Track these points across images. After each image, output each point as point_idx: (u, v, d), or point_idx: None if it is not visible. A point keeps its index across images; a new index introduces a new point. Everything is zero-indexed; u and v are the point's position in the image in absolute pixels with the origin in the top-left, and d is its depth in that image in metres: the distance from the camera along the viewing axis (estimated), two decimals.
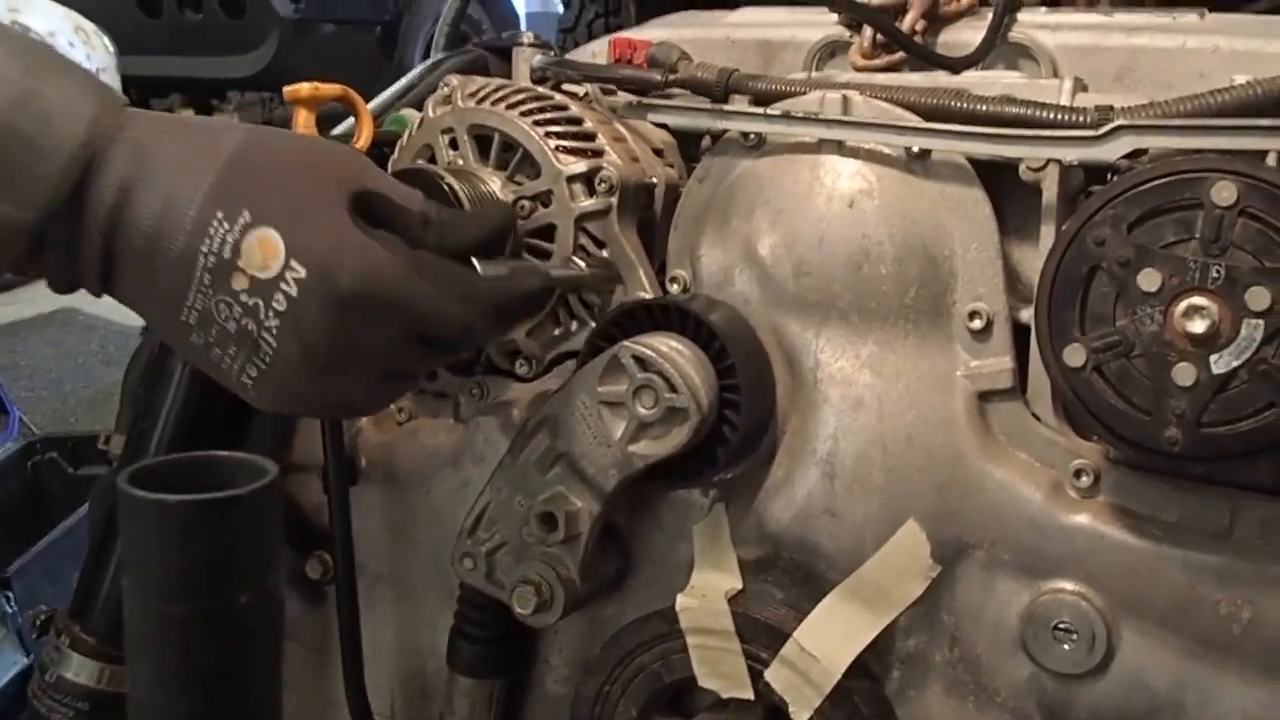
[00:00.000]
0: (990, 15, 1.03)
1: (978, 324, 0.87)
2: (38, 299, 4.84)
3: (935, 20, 1.07)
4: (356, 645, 1.05)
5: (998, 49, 1.02)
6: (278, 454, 1.12)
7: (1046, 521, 0.85)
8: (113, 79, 4.53)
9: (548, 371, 1.05)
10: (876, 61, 1.06)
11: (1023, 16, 1.04)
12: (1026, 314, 0.87)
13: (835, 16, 1.08)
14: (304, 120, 1.00)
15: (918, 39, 1.06)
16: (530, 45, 1.23)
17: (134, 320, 0.96)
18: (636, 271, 1.00)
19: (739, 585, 0.94)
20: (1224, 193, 0.73)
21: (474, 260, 0.83)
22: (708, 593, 0.94)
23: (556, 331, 1.03)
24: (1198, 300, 0.74)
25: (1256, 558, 0.81)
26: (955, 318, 0.89)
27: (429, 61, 1.26)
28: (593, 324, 1.02)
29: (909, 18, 1.05)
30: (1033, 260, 0.89)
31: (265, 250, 0.70)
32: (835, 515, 0.90)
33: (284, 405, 0.77)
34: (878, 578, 0.89)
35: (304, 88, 0.99)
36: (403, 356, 0.79)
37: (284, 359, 0.73)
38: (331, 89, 1.01)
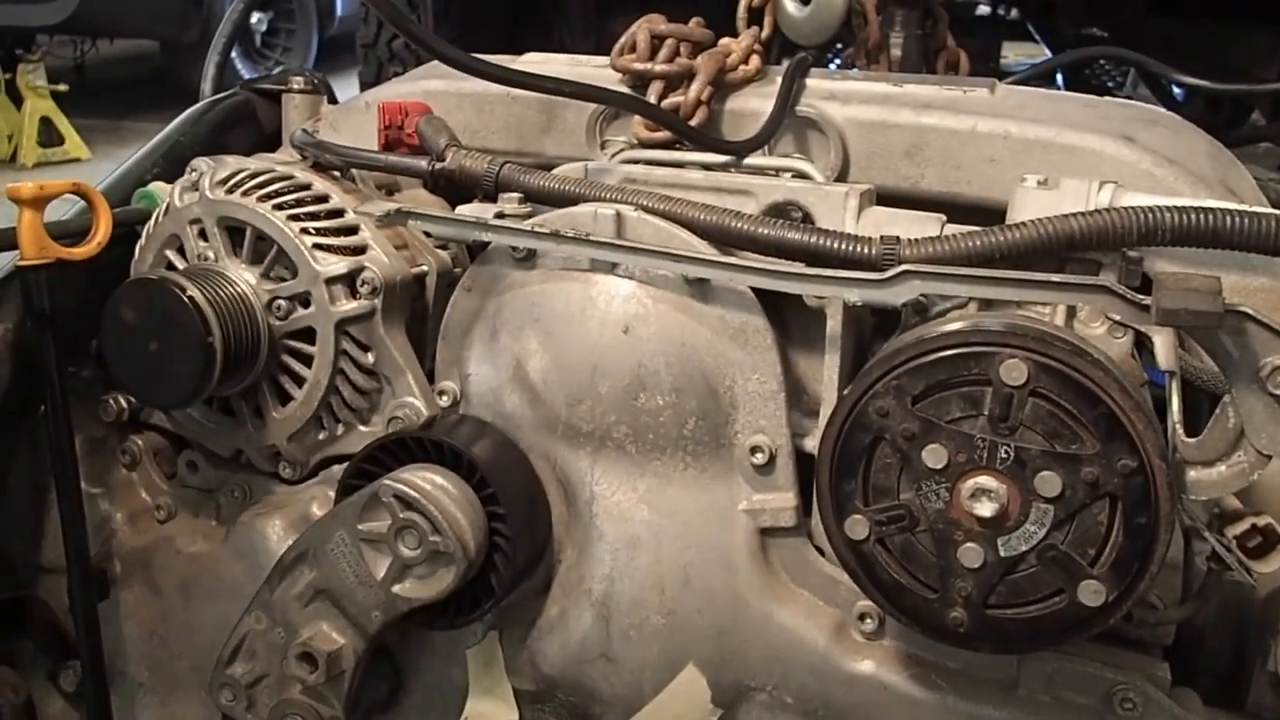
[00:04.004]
0: (777, 82, 0.90)
1: (760, 458, 0.75)
2: None
3: (720, 87, 0.93)
4: None
5: (785, 121, 0.89)
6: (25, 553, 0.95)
7: (829, 668, 0.75)
8: None
9: (313, 475, 0.89)
10: (659, 135, 0.91)
11: (811, 83, 0.91)
12: (811, 442, 0.76)
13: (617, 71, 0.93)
14: (29, 221, 0.81)
15: (703, 109, 0.91)
16: (300, 91, 1.05)
17: None
18: (405, 377, 0.85)
19: (514, 716, 0.81)
20: (1014, 371, 0.61)
21: None
22: None
23: (321, 435, 0.87)
24: (985, 481, 0.63)
25: (1042, 712, 0.71)
26: (736, 449, 0.76)
27: (189, 113, 1.05)
28: (359, 427, 0.87)
29: (694, 88, 0.90)
30: (816, 381, 0.77)
31: None
32: (611, 660, 0.78)
33: None
34: None
35: (26, 187, 0.80)
36: None
37: None
38: (60, 185, 0.82)
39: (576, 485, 0.79)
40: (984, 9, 2.62)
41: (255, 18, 5.46)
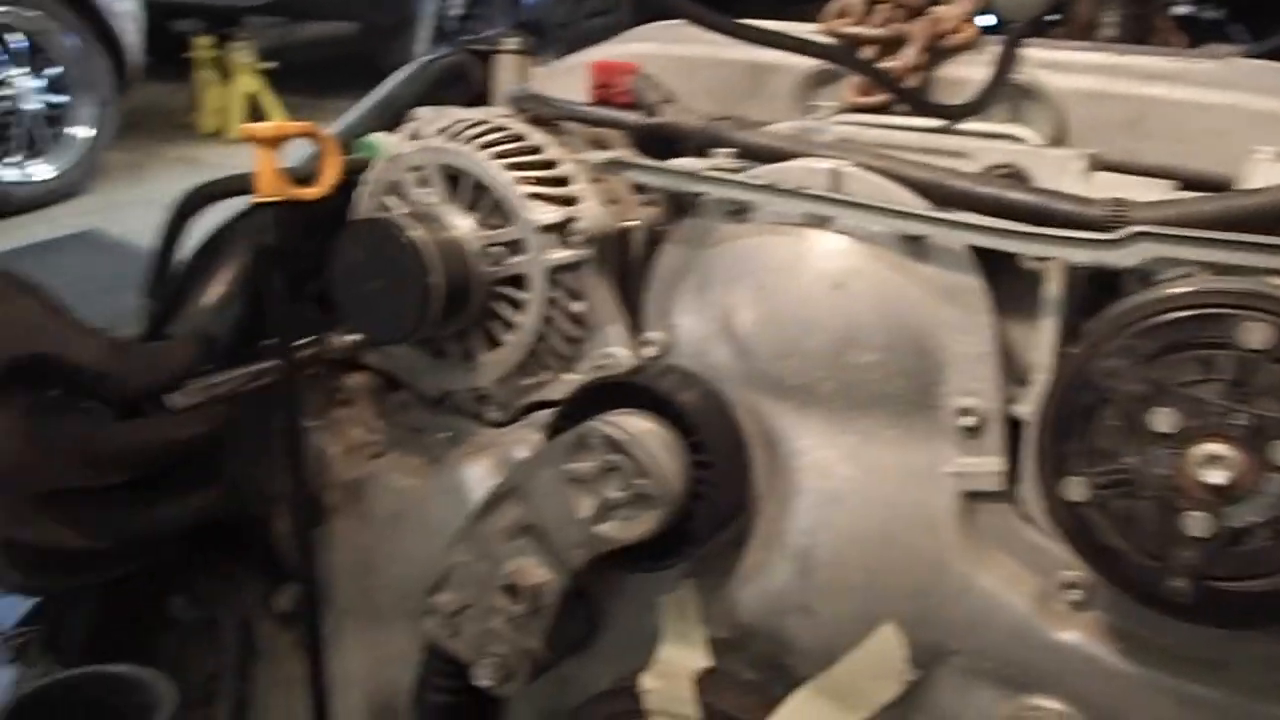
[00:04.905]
0: (991, 51, 0.86)
1: (969, 421, 0.72)
2: (62, 219, 4.65)
3: (935, 54, 0.89)
4: (322, 685, 0.92)
5: (1000, 89, 0.85)
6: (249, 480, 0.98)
7: (1031, 635, 0.72)
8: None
9: (519, 419, 0.90)
10: (870, 100, 0.88)
11: (1029, 52, 0.87)
12: (1021, 408, 0.72)
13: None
14: (265, 160, 0.83)
15: (918, 73, 0.88)
16: (512, 51, 1.05)
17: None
18: (612, 326, 0.85)
19: (706, 663, 0.80)
20: (1255, 335, 0.57)
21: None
22: (674, 672, 0.80)
23: (527, 380, 0.88)
24: (1217, 448, 0.59)
25: (1255, 695, 0.67)
26: (944, 412, 0.73)
27: (408, 69, 1.07)
28: (565, 374, 0.87)
29: (909, 53, 0.88)
30: (1030, 347, 0.73)
31: None
32: (809, 613, 0.76)
33: None
34: (850, 678, 0.75)
35: (264, 127, 0.82)
36: (17, 525, 0.71)
37: None
38: (295, 127, 0.84)
39: (780, 439, 0.77)
40: (1184, 9, 2.49)
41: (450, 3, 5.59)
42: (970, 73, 0.87)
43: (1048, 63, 0.85)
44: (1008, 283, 0.73)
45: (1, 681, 1.26)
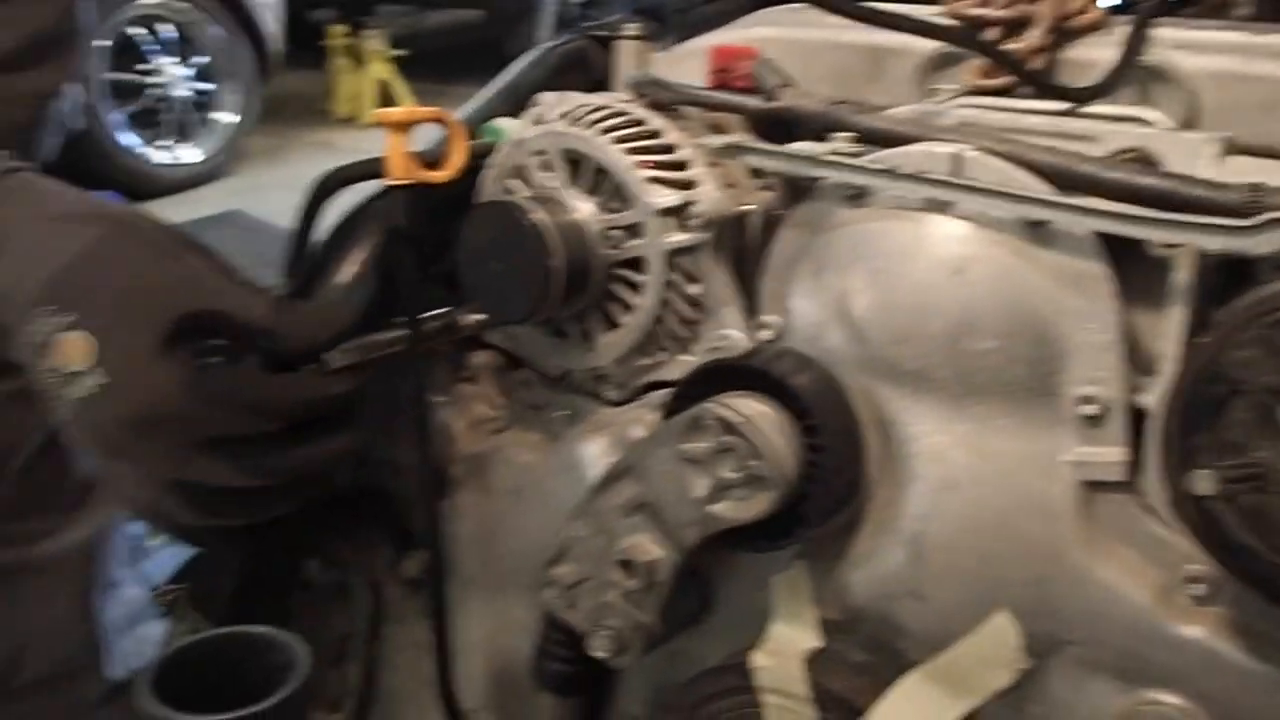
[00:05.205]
0: (1120, 32, 0.83)
1: (1090, 410, 0.70)
2: (208, 199, 4.81)
3: (1061, 35, 0.87)
4: (446, 648, 0.94)
5: (1129, 71, 0.82)
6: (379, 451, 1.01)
7: (1152, 629, 0.69)
8: None
9: (636, 399, 0.91)
10: (993, 82, 0.86)
11: (1159, 32, 0.84)
12: (1145, 397, 0.70)
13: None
14: (396, 144, 0.85)
15: (1042, 55, 0.86)
16: (632, 37, 1.05)
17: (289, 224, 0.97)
18: (728, 309, 0.84)
19: (817, 643, 0.80)
20: None
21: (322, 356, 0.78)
22: (785, 650, 0.80)
23: (645, 361, 0.88)
24: None
25: None
26: (1064, 400, 0.71)
27: (531, 56, 1.08)
28: (681, 355, 0.87)
29: (1033, 35, 0.85)
30: (1154, 334, 0.71)
31: (76, 350, 0.69)
32: (921, 598, 0.75)
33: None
34: (963, 664, 0.74)
35: (395, 112, 0.84)
36: (182, 467, 0.74)
37: (72, 428, 0.72)
38: (425, 112, 0.86)
39: (894, 424, 0.76)
40: None
41: None
42: (1097, 54, 0.84)
43: (1179, 43, 0.82)
44: (1134, 270, 0.71)
45: (155, 634, 1.33)
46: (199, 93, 5.42)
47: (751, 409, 0.75)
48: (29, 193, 0.76)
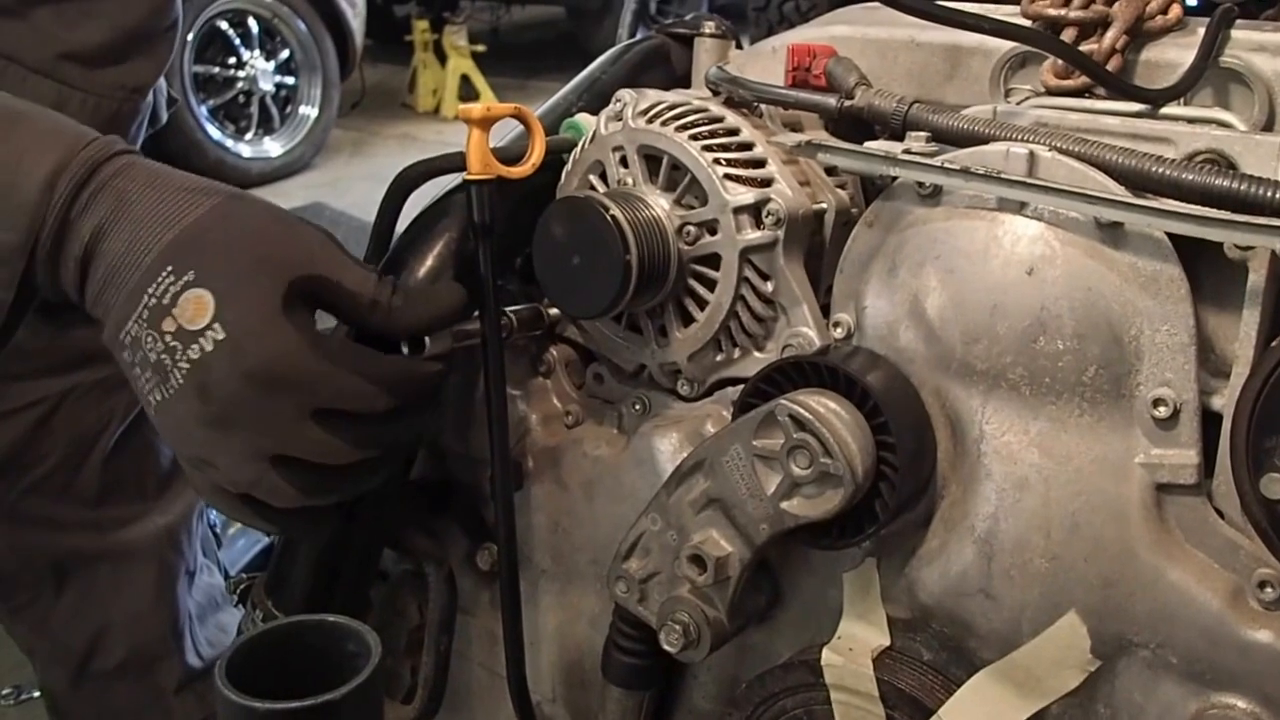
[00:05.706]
0: (1197, 34, 0.83)
1: (1163, 412, 0.70)
2: (291, 192, 4.90)
3: (1137, 35, 0.87)
4: (518, 640, 0.97)
5: (1206, 73, 0.82)
6: (455, 443, 1.04)
7: (1222, 632, 0.70)
8: None
9: (708, 395, 0.92)
10: (1069, 83, 0.86)
11: (1237, 34, 0.83)
12: (1218, 401, 0.70)
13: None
14: (476, 139, 0.87)
15: (1118, 56, 0.86)
16: (710, 36, 1.07)
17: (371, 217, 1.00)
18: (801, 307, 0.86)
19: (886, 641, 0.81)
20: None
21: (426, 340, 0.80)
22: (854, 647, 0.81)
23: (718, 357, 0.90)
24: None
25: None
26: (1137, 401, 0.72)
27: (610, 53, 1.11)
28: (755, 352, 0.89)
29: (1110, 35, 0.85)
30: (1227, 337, 0.71)
31: (197, 308, 0.71)
32: (991, 597, 0.76)
33: (168, 436, 0.77)
34: (1032, 664, 0.75)
35: (476, 108, 0.86)
36: (294, 436, 0.75)
37: (184, 397, 0.73)
38: (505, 108, 0.88)
39: (966, 423, 0.77)
40: None
41: None
42: (1174, 56, 0.84)
43: (1257, 45, 0.81)
44: (1208, 272, 0.71)
45: (231, 621, 1.38)
46: (283, 87, 5.55)
47: (823, 407, 0.76)
48: (145, 170, 0.77)
